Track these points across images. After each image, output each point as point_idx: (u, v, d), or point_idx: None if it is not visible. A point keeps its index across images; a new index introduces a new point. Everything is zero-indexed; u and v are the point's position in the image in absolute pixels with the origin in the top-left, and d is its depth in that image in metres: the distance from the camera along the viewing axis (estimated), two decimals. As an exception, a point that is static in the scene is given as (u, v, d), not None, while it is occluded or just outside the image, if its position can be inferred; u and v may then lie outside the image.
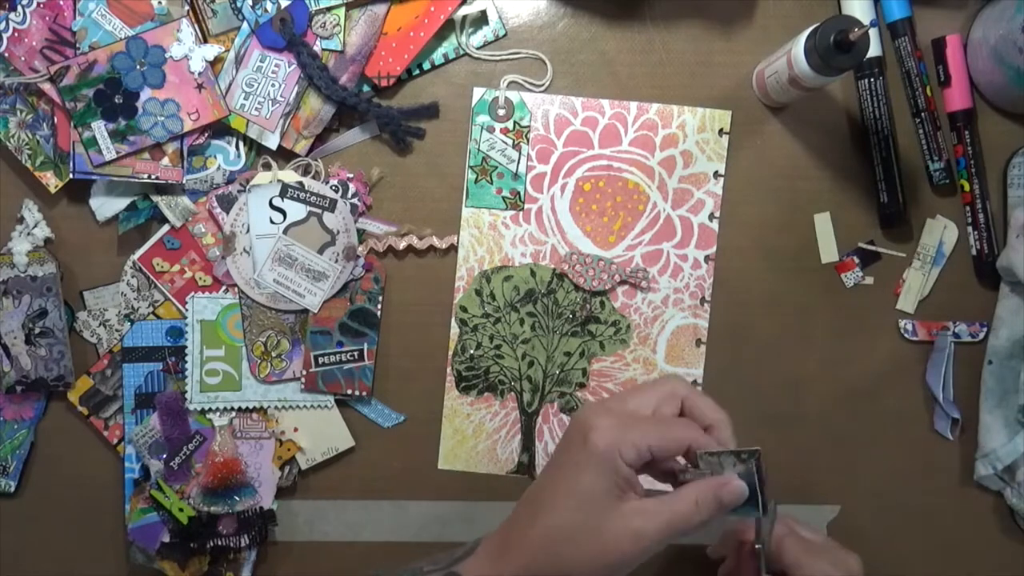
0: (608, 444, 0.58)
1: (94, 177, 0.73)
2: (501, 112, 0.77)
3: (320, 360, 0.76)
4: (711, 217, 0.78)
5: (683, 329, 0.78)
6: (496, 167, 0.77)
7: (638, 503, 0.58)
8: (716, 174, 0.78)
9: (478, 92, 0.77)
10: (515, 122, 0.77)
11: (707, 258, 0.78)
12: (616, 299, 0.78)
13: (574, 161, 0.77)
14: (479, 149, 0.77)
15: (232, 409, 0.76)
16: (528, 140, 0.77)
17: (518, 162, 0.77)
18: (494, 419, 0.78)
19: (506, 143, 0.77)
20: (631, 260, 0.78)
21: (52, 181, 0.74)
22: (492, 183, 0.77)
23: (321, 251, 0.75)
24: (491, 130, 0.77)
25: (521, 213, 0.78)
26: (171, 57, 0.72)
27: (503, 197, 0.77)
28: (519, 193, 0.77)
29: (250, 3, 0.73)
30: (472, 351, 0.78)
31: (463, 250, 0.77)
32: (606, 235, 0.78)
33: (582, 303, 0.78)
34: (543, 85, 0.77)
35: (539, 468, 0.78)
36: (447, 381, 0.78)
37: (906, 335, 0.79)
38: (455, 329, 0.78)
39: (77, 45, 0.72)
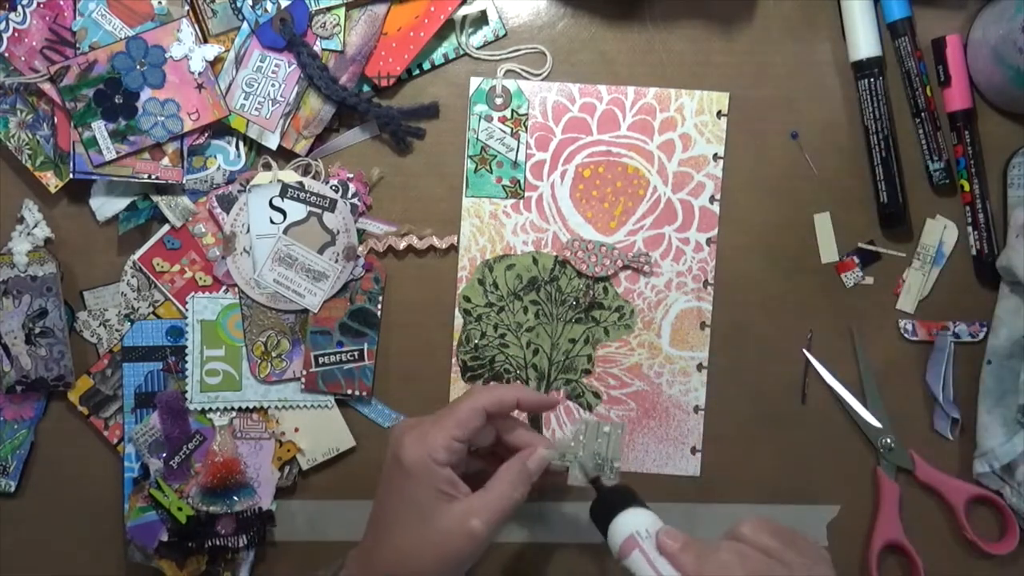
0: (416, 456, 0.62)
1: (94, 177, 0.73)
2: (499, 101, 0.77)
3: (320, 360, 0.76)
4: (712, 200, 0.78)
5: (687, 312, 0.78)
6: (495, 156, 0.77)
7: (465, 503, 0.62)
8: (715, 156, 0.78)
9: (475, 81, 0.77)
10: (513, 110, 0.77)
11: (709, 241, 0.78)
12: (619, 284, 0.78)
13: (573, 147, 0.78)
14: (478, 139, 0.77)
15: (232, 409, 0.76)
16: (526, 128, 0.77)
17: (517, 150, 0.77)
18: (500, 407, 0.78)
19: (504, 132, 0.77)
20: (633, 245, 0.78)
21: (52, 181, 0.74)
22: (492, 172, 0.77)
23: (321, 251, 0.75)
24: (489, 119, 0.77)
25: (521, 201, 0.78)
26: (171, 57, 0.72)
27: (503, 186, 0.77)
28: (519, 181, 0.77)
29: (250, 3, 0.73)
30: (477, 341, 0.78)
31: (464, 240, 0.78)
32: (607, 221, 0.78)
33: (585, 289, 0.78)
34: (542, 74, 0.77)
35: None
36: (453, 372, 0.78)
37: (906, 335, 0.79)
38: (459, 319, 0.78)
39: (77, 45, 0.72)
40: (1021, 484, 0.77)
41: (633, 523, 0.60)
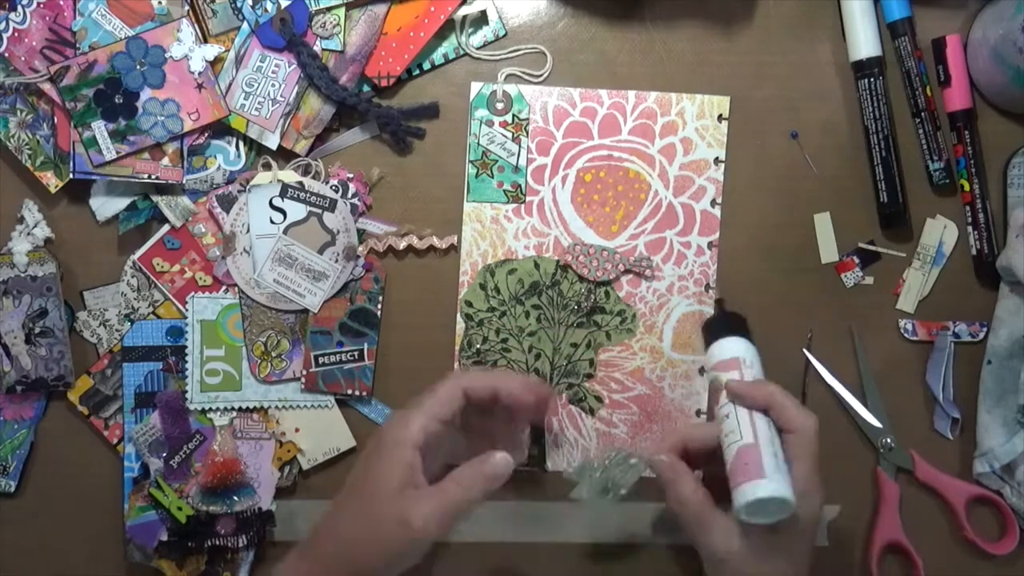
0: (392, 435, 0.61)
1: (94, 177, 0.73)
2: (500, 106, 0.77)
3: (320, 360, 0.76)
4: (713, 203, 0.78)
5: (689, 316, 0.78)
6: (496, 161, 0.77)
7: (411, 495, 0.60)
8: (717, 160, 0.78)
9: (476, 86, 0.77)
10: (514, 115, 0.77)
11: (710, 244, 0.78)
12: (621, 289, 0.78)
13: (574, 152, 0.78)
14: (479, 143, 0.77)
15: (232, 409, 0.76)
16: (527, 133, 0.77)
17: (518, 155, 0.77)
18: (503, 412, 0.78)
19: (505, 136, 0.77)
20: (634, 249, 0.78)
21: (52, 181, 0.74)
22: (493, 177, 0.77)
23: (321, 251, 0.75)
24: (490, 124, 0.77)
25: (523, 206, 0.78)
26: (171, 57, 0.73)
27: (504, 191, 0.77)
28: (520, 186, 0.77)
29: (250, 3, 0.73)
30: (479, 346, 0.78)
31: (466, 245, 0.77)
32: (608, 225, 0.78)
33: (587, 294, 0.78)
34: (542, 76, 0.77)
35: (549, 460, 0.78)
36: (455, 376, 0.78)
37: (906, 335, 0.79)
38: (460, 324, 0.78)
39: (77, 45, 0.72)
40: (1021, 484, 0.77)
41: (744, 348, 0.70)
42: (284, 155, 0.76)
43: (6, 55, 0.72)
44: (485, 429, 0.69)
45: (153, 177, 0.74)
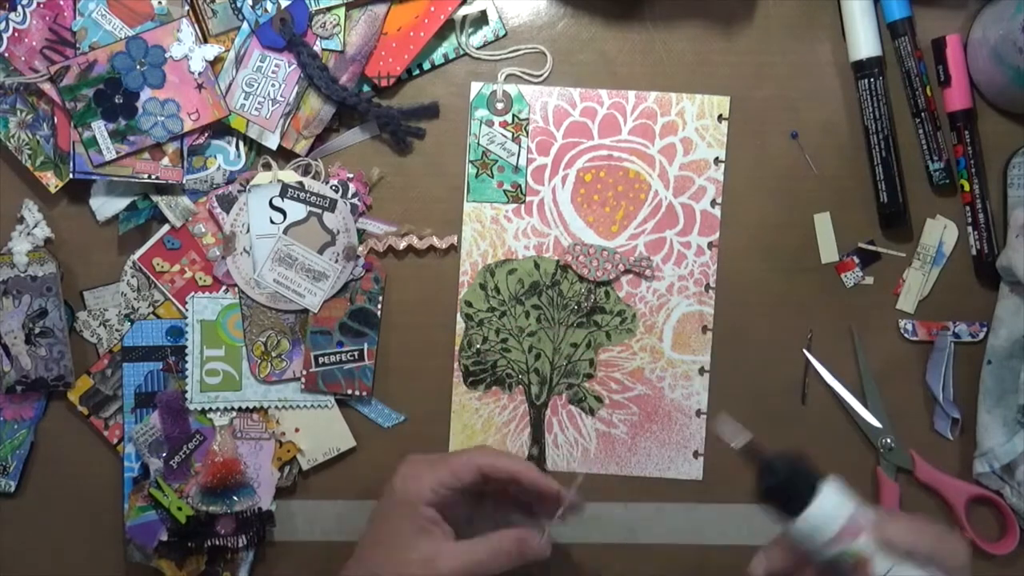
0: (405, 489, 0.65)
1: (94, 177, 0.73)
2: (500, 106, 0.77)
3: (320, 360, 0.76)
4: (713, 204, 0.78)
5: (689, 316, 0.78)
6: (496, 161, 0.77)
7: (440, 544, 0.64)
8: (717, 160, 0.78)
9: (476, 86, 0.77)
10: (514, 115, 0.77)
11: (710, 244, 0.78)
12: (621, 289, 0.78)
13: (574, 152, 0.78)
14: (479, 143, 0.77)
15: (232, 409, 0.76)
16: (527, 133, 0.77)
17: (518, 155, 0.77)
18: (503, 413, 0.78)
19: (505, 136, 0.77)
20: (634, 249, 0.78)
21: (52, 181, 0.74)
22: (493, 177, 0.77)
23: (321, 251, 0.75)
24: (490, 124, 0.77)
25: (523, 206, 0.78)
26: (171, 57, 0.73)
27: (504, 190, 0.77)
28: (520, 186, 0.77)
29: (250, 3, 0.73)
30: (479, 346, 0.78)
31: (466, 245, 0.78)
32: (608, 225, 0.78)
33: (587, 294, 0.78)
34: (542, 76, 0.77)
35: (549, 460, 0.79)
36: (455, 377, 0.78)
37: (906, 335, 0.79)
38: (460, 324, 0.78)
39: (77, 45, 0.72)
40: (1021, 484, 0.77)
41: (844, 504, 0.56)
42: (284, 155, 0.76)
43: (6, 55, 0.72)
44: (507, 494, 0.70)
45: (153, 177, 0.74)
